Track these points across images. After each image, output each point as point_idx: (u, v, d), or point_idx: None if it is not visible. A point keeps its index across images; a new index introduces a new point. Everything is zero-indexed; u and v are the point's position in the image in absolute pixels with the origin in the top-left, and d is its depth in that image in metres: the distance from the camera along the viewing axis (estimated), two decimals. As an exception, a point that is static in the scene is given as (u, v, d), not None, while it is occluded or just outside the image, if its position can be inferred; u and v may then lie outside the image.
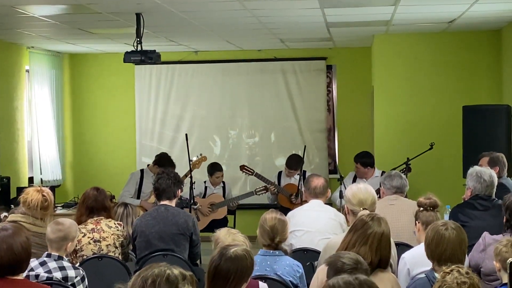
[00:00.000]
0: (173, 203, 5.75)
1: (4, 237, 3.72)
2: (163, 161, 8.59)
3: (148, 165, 8.85)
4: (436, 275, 3.78)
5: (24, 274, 3.87)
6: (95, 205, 5.72)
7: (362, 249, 3.86)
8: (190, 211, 7.77)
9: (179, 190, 5.80)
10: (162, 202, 5.75)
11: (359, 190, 4.83)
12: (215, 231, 4.27)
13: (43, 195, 5.31)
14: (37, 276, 4.41)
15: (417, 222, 4.78)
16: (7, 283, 3.67)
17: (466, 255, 4.49)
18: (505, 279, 3.86)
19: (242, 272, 3.37)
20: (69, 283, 4.46)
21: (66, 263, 4.54)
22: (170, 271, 2.31)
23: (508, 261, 3.64)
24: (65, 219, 4.76)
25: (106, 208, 5.78)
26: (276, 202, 8.86)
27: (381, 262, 3.92)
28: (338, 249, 4.07)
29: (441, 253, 3.82)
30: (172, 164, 8.55)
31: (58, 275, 4.45)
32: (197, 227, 5.73)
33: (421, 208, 4.80)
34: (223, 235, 4.12)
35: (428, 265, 4.00)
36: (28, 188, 5.47)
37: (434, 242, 3.86)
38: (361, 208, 4.69)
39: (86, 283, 4.61)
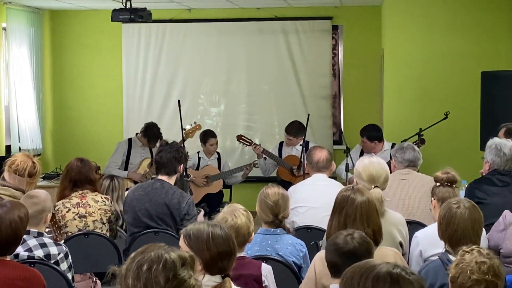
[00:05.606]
0: (172, 179, 5.72)
1: None
2: (149, 132, 8.63)
3: (136, 134, 8.86)
4: (451, 257, 3.81)
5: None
6: (78, 177, 5.75)
7: (355, 227, 3.86)
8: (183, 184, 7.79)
9: (181, 166, 5.76)
10: (159, 177, 5.73)
11: (372, 164, 4.78)
12: (220, 209, 4.27)
13: (33, 162, 5.42)
14: (16, 255, 4.37)
15: (433, 198, 4.80)
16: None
17: (485, 234, 4.53)
18: (525, 263, 3.89)
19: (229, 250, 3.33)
20: (52, 261, 4.48)
21: (47, 240, 4.55)
22: (168, 256, 2.27)
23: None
24: (38, 190, 4.78)
25: (91, 181, 5.80)
26: (275, 175, 8.89)
27: (375, 234, 3.93)
28: (327, 234, 4.07)
29: (452, 233, 3.85)
30: (158, 136, 8.60)
31: (39, 253, 4.46)
32: (192, 207, 5.65)
33: (438, 184, 4.81)
34: (224, 210, 4.14)
35: (443, 246, 4.02)
36: (16, 154, 5.60)
37: (445, 222, 3.89)
38: (372, 186, 4.68)
39: (70, 260, 4.63)
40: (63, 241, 5.27)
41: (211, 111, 10.93)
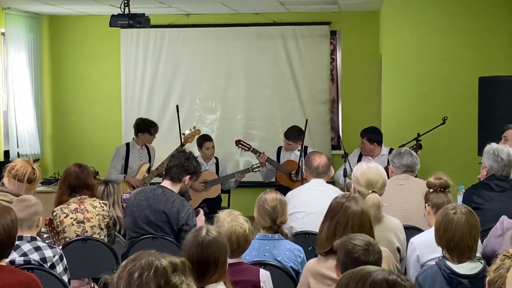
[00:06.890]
0: (175, 187, 5.61)
1: None
2: (142, 126, 8.66)
3: (133, 138, 8.86)
4: (448, 263, 3.82)
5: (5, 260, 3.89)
6: (76, 183, 5.75)
7: (345, 235, 3.81)
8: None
9: (187, 176, 5.63)
10: (163, 183, 5.68)
11: (369, 169, 4.81)
12: (218, 212, 4.28)
13: (33, 168, 5.45)
14: (12, 262, 4.34)
15: (426, 204, 4.81)
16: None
17: (480, 243, 4.54)
18: (523, 269, 3.88)
19: (217, 257, 3.46)
20: (48, 264, 4.48)
21: (40, 243, 4.55)
22: (159, 262, 2.27)
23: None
24: (27, 196, 4.84)
25: (89, 186, 5.80)
26: (274, 180, 8.90)
27: None
28: (318, 240, 4.08)
29: (449, 239, 3.85)
30: (151, 125, 8.63)
31: (35, 256, 4.45)
32: (191, 217, 5.55)
33: (431, 190, 4.83)
34: (223, 216, 4.14)
35: (439, 251, 4.02)
36: (16, 159, 5.64)
37: (442, 227, 3.89)
38: (370, 191, 4.70)
39: (65, 262, 4.63)
40: (61, 246, 5.26)
41: (210, 116, 10.93)
